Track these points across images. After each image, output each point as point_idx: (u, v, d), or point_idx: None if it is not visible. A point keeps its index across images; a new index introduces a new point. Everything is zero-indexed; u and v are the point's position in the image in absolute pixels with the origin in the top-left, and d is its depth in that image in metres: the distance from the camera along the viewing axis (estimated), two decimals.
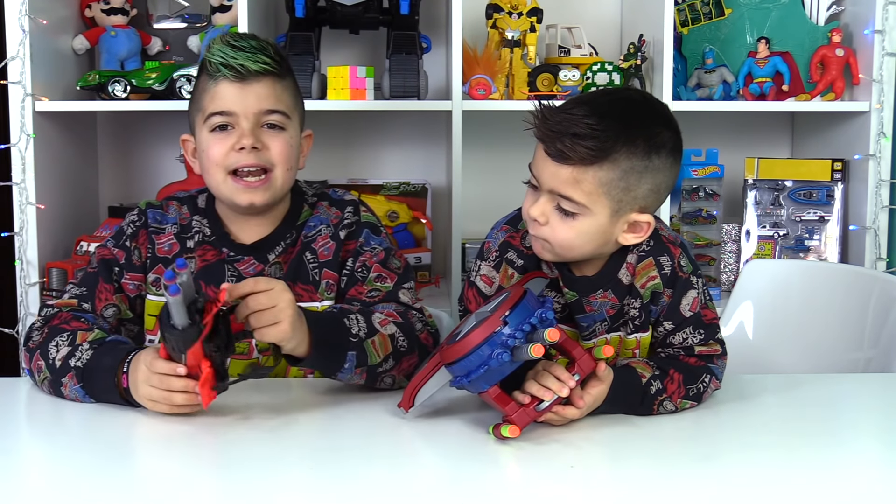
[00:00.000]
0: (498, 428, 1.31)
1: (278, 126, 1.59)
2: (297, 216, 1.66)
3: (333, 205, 1.68)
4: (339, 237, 1.64)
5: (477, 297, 1.52)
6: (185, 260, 1.41)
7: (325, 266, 1.64)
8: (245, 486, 1.19)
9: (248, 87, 1.56)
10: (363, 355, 1.45)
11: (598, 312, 1.49)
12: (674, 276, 1.49)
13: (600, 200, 1.38)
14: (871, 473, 1.27)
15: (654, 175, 1.40)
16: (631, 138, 1.37)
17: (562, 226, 1.40)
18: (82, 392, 1.44)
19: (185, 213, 1.66)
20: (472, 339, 1.30)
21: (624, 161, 1.37)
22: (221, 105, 1.57)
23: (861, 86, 2.40)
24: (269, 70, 1.56)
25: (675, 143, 1.42)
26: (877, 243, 2.35)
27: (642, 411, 1.42)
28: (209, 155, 1.59)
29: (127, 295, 1.62)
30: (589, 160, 1.36)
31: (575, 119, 1.36)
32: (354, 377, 1.47)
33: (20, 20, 2.19)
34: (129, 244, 1.63)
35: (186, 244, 1.63)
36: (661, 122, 1.42)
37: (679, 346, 1.50)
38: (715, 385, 1.48)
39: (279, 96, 1.58)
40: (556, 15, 2.54)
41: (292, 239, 1.65)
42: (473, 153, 2.46)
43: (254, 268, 1.63)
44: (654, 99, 1.48)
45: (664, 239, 1.50)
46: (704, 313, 1.50)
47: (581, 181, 1.37)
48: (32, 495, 1.19)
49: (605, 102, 1.42)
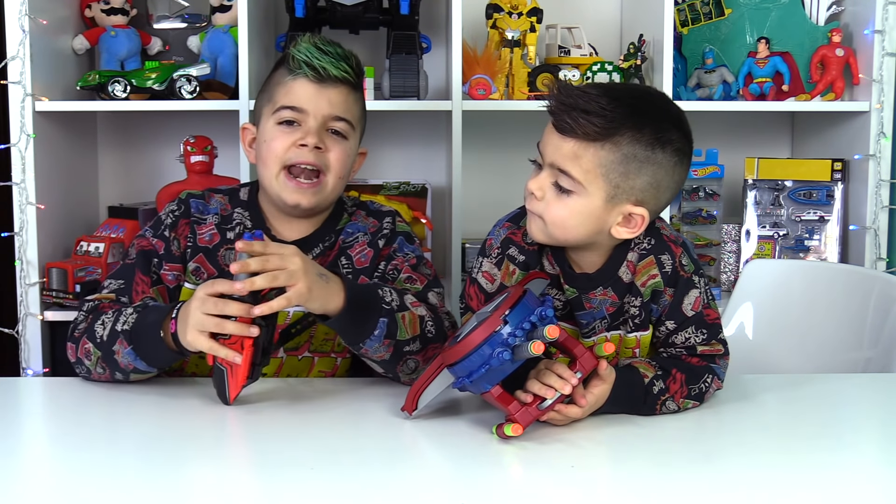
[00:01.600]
0: (501, 427, 1.31)
1: (341, 134, 1.64)
2: (337, 220, 1.69)
3: (371, 215, 1.72)
4: (378, 245, 1.67)
5: (478, 294, 1.52)
6: (262, 233, 1.44)
7: (360, 273, 1.66)
8: (245, 486, 1.19)
9: (324, 90, 1.60)
10: (394, 326, 1.47)
11: (597, 310, 1.50)
12: (675, 275, 1.49)
13: (597, 181, 1.39)
14: (871, 473, 1.27)
15: (655, 169, 1.40)
16: (638, 125, 1.38)
17: (556, 202, 1.41)
18: (133, 354, 1.46)
19: (226, 204, 1.68)
20: (472, 340, 1.30)
21: (626, 146, 1.38)
22: (295, 101, 1.60)
23: (861, 86, 2.40)
24: (347, 79, 1.61)
25: (683, 145, 1.42)
26: (877, 243, 2.36)
27: (645, 411, 1.42)
28: (271, 146, 1.61)
29: (166, 286, 1.63)
30: (592, 136, 1.37)
31: (587, 96, 1.38)
32: (381, 349, 1.48)
33: (20, 20, 2.19)
34: (169, 234, 1.64)
35: (227, 235, 1.65)
36: (673, 121, 1.42)
37: (681, 345, 1.50)
38: (717, 385, 1.48)
39: (350, 106, 1.63)
40: (556, 15, 2.54)
41: (331, 242, 1.67)
42: (473, 153, 2.47)
43: None
44: (672, 103, 1.48)
45: (665, 238, 1.50)
46: (707, 313, 1.50)
47: (581, 157, 1.38)
48: (32, 495, 1.19)
49: (623, 89, 1.46)
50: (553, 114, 1.40)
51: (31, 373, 2.25)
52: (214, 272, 1.63)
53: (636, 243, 1.49)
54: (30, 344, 2.25)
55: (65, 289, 2.23)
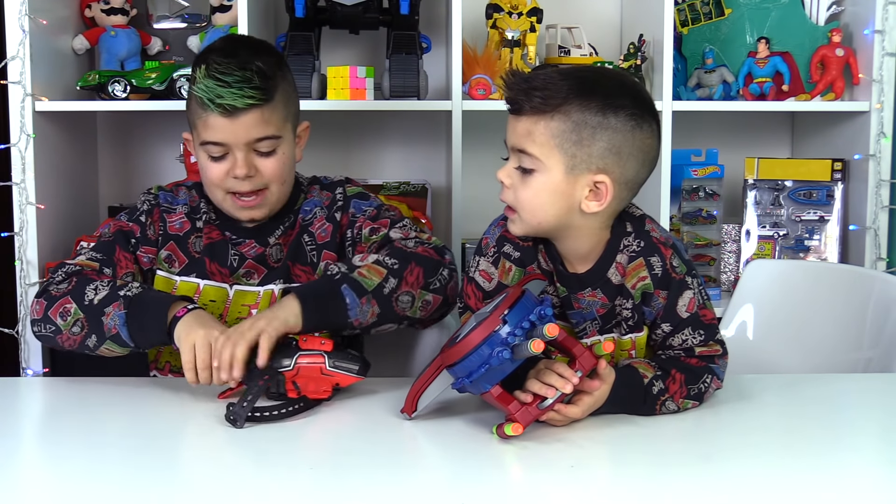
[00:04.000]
0: (501, 427, 1.31)
1: (271, 148, 1.64)
2: (294, 202, 1.72)
3: (325, 188, 1.75)
4: (335, 218, 1.71)
5: (476, 293, 1.52)
6: None
7: (323, 248, 1.70)
8: (245, 486, 1.19)
9: (238, 121, 1.59)
10: (356, 284, 1.52)
11: (587, 311, 1.50)
12: (666, 277, 1.49)
13: (553, 154, 1.41)
14: (871, 473, 1.27)
15: (610, 134, 1.40)
16: (585, 94, 1.40)
17: (522, 186, 1.44)
18: (123, 318, 1.50)
19: (193, 195, 1.73)
20: (471, 340, 1.30)
21: (576, 114, 1.40)
22: (214, 136, 1.61)
23: (861, 86, 2.40)
24: (255, 103, 1.59)
25: (638, 111, 1.43)
26: (877, 243, 2.36)
27: (644, 411, 1.42)
28: (207, 175, 1.65)
29: (141, 267, 1.68)
30: (540, 109, 1.40)
31: (534, 75, 1.43)
32: (366, 308, 1.53)
33: (20, 20, 2.19)
34: (144, 219, 1.69)
35: (196, 223, 1.70)
36: (626, 90, 1.43)
37: (679, 347, 1.50)
38: (716, 385, 1.48)
39: (267, 122, 1.61)
40: (556, 15, 2.54)
41: (290, 222, 1.71)
42: (473, 153, 2.46)
43: (255, 250, 1.69)
44: (629, 76, 1.50)
45: (655, 240, 1.50)
46: (703, 314, 1.50)
47: (533, 132, 1.41)
48: (32, 495, 1.19)
49: (575, 67, 1.49)
50: (508, 100, 1.44)
51: (31, 373, 2.25)
52: (185, 260, 1.69)
53: (625, 245, 1.49)
54: (30, 344, 2.25)
55: None
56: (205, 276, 1.68)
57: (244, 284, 1.68)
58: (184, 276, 1.68)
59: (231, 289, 1.68)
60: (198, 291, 1.67)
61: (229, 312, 1.67)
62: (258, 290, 1.68)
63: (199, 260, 1.68)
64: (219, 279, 1.68)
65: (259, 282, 1.68)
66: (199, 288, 1.67)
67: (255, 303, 1.67)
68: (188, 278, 1.68)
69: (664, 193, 2.30)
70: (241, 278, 1.68)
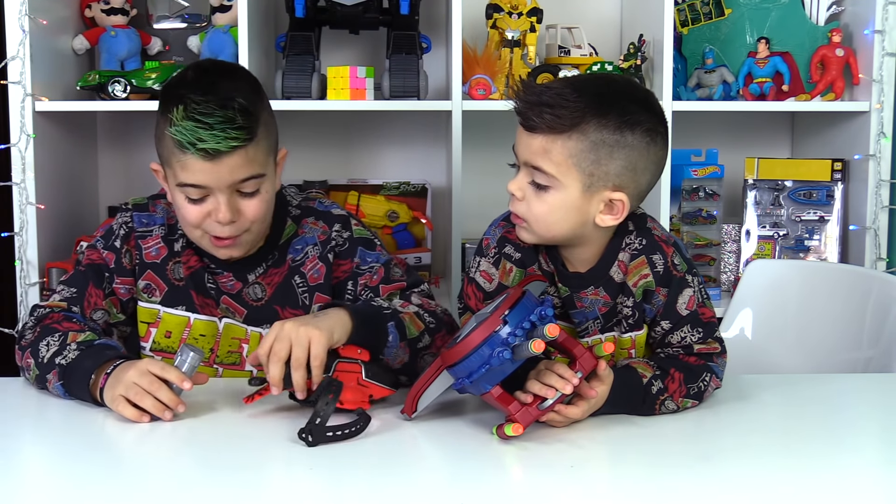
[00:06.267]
0: (501, 428, 1.31)
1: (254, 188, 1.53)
2: (279, 234, 1.63)
3: (320, 218, 1.64)
4: (328, 259, 1.62)
5: (476, 293, 1.52)
6: None
7: (315, 290, 1.63)
8: (245, 486, 1.19)
9: (220, 163, 1.47)
10: (402, 326, 1.48)
11: (590, 310, 1.50)
12: (668, 274, 1.49)
13: (570, 172, 1.39)
14: (871, 473, 1.27)
15: (627, 152, 1.40)
16: (602, 112, 1.38)
17: (536, 201, 1.42)
18: (62, 389, 1.45)
19: (171, 212, 1.62)
20: (472, 340, 1.30)
21: (593, 133, 1.38)
22: (194, 179, 1.49)
23: (861, 86, 2.40)
24: (238, 144, 1.47)
25: (653, 124, 1.42)
26: (877, 243, 2.35)
27: (644, 411, 1.42)
28: (184, 216, 1.54)
29: (119, 298, 1.62)
30: (558, 129, 1.38)
31: (549, 91, 1.40)
32: (399, 352, 1.48)
33: (20, 20, 2.19)
34: (119, 245, 1.62)
35: (174, 247, 1.62)
36: (640, 104, 1.42)
37: (678, 345, 1.50)
38: (715, 384, 1.48)
39: (252, 161, 1.50)
40: (556, 15, 2.54)
41: (275, 259, 1.62)
42: (473, 153, 2.46)
43: (232, 283, 1.62)
44: (639, 86, 1.48)
45: (657, 238, 1.51)
46: (702, 312, 1.50)
47: (550, 151, 1.39)
48: (32, 495, 1.19)
49: (586, 79, 1.46)
50: (519, 113, 1.42)
51: None
52: (165, 288, 1.61)
53: (627, 243, 1.49)
54: None
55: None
56: (194, 310, 1.61)
57: (232, 319, 1.62)
58: (168, 308, 1.61)
59: (221, 322, 1.62)
60: (188, 325, 1.61)
61: (220, 346, 1.63)
62: (246, 328, 1.62)
63: (183, 290, 1.60)
64: (207, 312, 1.62)
65: (244, 320, 1.62)
66: (190, 322, 1.61)
67: (245, 338, 1.62)
68: (176, 311, 1.61)
69: (664, 193, 2.30)
70: (227, 312, 1.62)
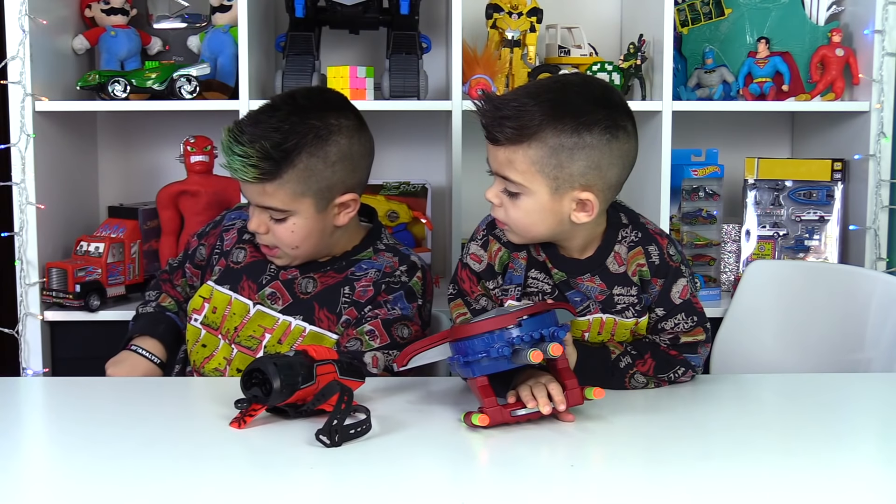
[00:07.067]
0: (469, 416, 1.34)
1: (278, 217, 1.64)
2: (357, 251, 1.73)
3: (397, 255, 1.73)
4: (380, 287, 1.68)
5: (470, 277, 1.59)
6: None
7: (353, 305, 1.67)
8: (245, 485, 1.19)
9: (248, 185, 1.63)
10: None
11: (587, 293, 1.56)
12: (664, 265, 1.55)
13: (536, 179, 1.44)
14: (871, 473, 1.27)
15: (587, 152, 1.43)
16: (557, 117, 1.41)
17: (511, 207, 1.48)
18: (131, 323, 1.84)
19: None
20: (483, 325, 1.34)
21: (551, 139, 1.42)
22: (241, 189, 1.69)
23: (861, 86, 2.40)
24: (256, 178, 1.59)
25: (612, 121, 1.44)
26: (877, 243, 2.35)
27: (614, 384, 1.50)
28: None
29: (186, 280, 1.84)
30: (516, 140, 1.42)
31: (504, 103, 1.44)
32: None
33: (20, 20, 2.19)
34: (205, 233, 1.83)
35: (243, 236, 1.76)
36: (596, 102, 1.45)
37: (670, 331, 1.55)
38: (688, 376, 1.55)
39: (271, 196, 1.61)
40: (556, 15, 2.54)
41: (339, 266, 1.71)
42: (473, 153, 2.46)
43: (292, 274, 1.70)
44: (595, 81, 1.51)
45: (651, 231, 1.57)
46: (694, 301, 1.57)
47: (514, 161, 1.44)
48: (32, 495, 1.19)
49: (541, 85, 1.48)
50: (484, 128, 1.46)
51: (31, 373, 2.25)
52: (223, 267, 1.76)
53: (623, 236, 1.55)
54: (30, 344, 2.25)
55: (65, 289, 2.23)
56: (236, 290, 1.71)
57: (267, 307, 1.69)
58: (218, 286, 1.73)
59: (254, 307, 1.69)
60: (229, 304, 1.70)
61: (244, 328, 1.69)
62: (278, 316, 1.68)
63: (237, 272, 1.73)
64: (246, 294, 1.70)
65: (282, 309, 1.69)
66: (231, 300, 1.71)
67: (272, 328, 1.68)
68: (223, 289, 1.73)
69: (664, 193, 2.30)
70: (266, 299, 1.69)
